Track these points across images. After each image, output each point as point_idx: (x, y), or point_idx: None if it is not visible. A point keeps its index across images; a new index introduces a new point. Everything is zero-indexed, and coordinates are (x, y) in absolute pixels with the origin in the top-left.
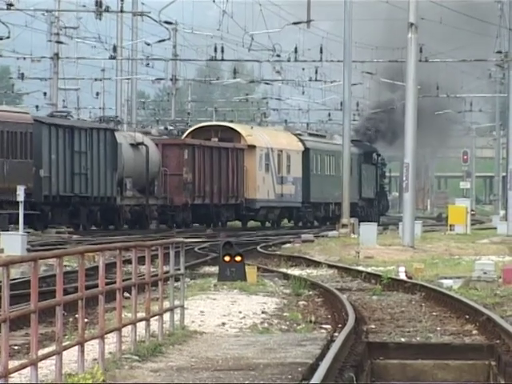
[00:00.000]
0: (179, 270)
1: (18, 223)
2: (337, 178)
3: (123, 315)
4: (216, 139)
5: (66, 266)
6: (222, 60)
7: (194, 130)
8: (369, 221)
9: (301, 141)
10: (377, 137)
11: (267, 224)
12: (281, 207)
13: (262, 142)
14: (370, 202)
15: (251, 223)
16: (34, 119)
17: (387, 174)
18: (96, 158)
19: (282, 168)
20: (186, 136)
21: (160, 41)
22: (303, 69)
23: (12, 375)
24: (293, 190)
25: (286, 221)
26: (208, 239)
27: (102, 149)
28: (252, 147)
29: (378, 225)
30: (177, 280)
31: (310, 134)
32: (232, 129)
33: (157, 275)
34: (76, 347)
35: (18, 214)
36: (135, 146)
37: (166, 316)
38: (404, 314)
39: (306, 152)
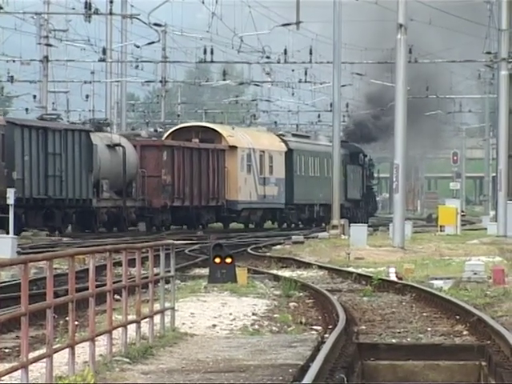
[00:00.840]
0: (169, 272)
1: None
2: (321, 178)
3: (114, 317)
4: (197, 140)
5: (56, 268)
6: (212, 62)
7: (174, 130)
8: (355, 222)
9: (284, 141)
10: (365, 137)
11: (250, 226)
12: (263, 209)
13: (244, 142)
14: (356, 203)
15: (235, 225)
16: (7, 121)
17: (376, 175)
18: (71, 160)
19: (265, 169)
20: (167, 137)
21: (149, 43)
22: (293, 70)
23: (2, 378)
24: (276, 191)
25: (269, 222)
26: (198, 241)
27: (77, 150)
28: (233, 148)
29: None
30: (167, 282)
31: (294, 135)
32: (213, 129)
33: (147, 277)
34: (66, 350)
35: None
36: (112, 147)
37: (157, 318)
38: (394, 315)
39: (289, 153)
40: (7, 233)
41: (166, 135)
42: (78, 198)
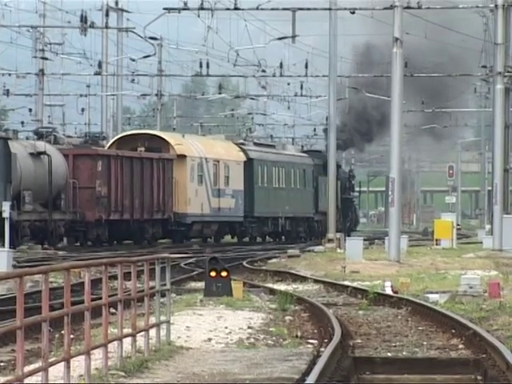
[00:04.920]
0: (165, 285)
1: None
2: (288, 190)
3: (109, 331)
4: (143, 149)
5: (51, 282)
6: (208, 75)
7: (118, 138)
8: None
9: (243, 150)
10: (347, 146)
11: (209, 240)
12: (219, 222)
13: (195, 151)
14: None
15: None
16: None
17: (357, 189)
18: None
19: (219, 180)
20: (110, 145)
21: (145, 56)
22: (288, 84)
23: None
24: (232, 203)
25: (229, 237)
26: (194, 254)
27: None
28: (182, 157)
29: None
30: (163, 295)
31: (256, 144)
32: (160, 137)
33: (143, 291)
34: (62, 363)
35: None
36: (36, 155)
37: (152, 332)
38: (390, 329)
39: (248, 162)
40: (3, 246)
41: (109, 144)
42: None
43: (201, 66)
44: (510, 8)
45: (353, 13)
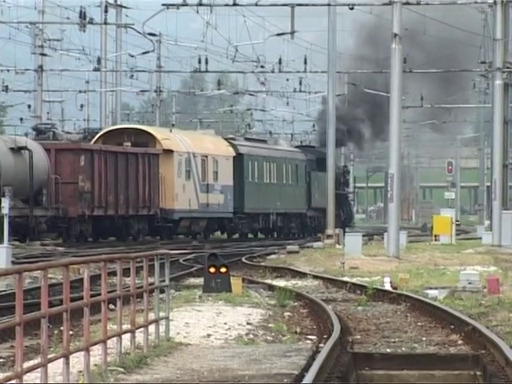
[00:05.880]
0: (164, 281)
1: None
2: (279, 186)
3: (108, 327)
4: (129, 143)
5: (50, 278)
6: (206, 71)
7: (104, 133)
8: (320, 232)
9: (232, 145)
10: (343, 141)
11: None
12: (207, 218)
13: (182, 146)
14: (322, 211)
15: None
16: None
17: (352, 184)
18: None
19: (208, 175)
20: (96, 140)
21: (144, 52)
22: (287, 80)
23: None
24: (221, 199)
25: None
26: (193, 250)
27: None
28: (169, 152)
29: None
30: (162, 292)
31: (247, 139)
32: (146, 132)
33: (142, 287)
34: (61, 359)
35: None
36: (16, 150)
37: (152, 328)
38: (389, 325)
39: (238, 158)
40: (2, 242)
41: (95, 138)
42: None
43: (200, 62)
44: (508, 4)
45: (352, 8)
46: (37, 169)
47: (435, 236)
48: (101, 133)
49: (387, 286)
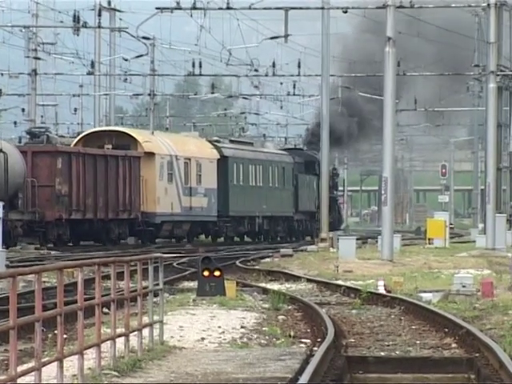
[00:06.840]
0: (158, 285)
1: None
2: (265, 189)
3: (102, 331)
4: (110, 146)
5: (44, 282)
6: (200, 75)
7: (85, 135)
8: (308, 235)
9: (216, 148)
10: (335, 145)
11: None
12: (190, 221)
13: (164, 149)
14: (310, 215)
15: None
16: None
17: (341, 188)
18: None
19: (191, 178)
20: (76, 143)
21: (138, 56)
22: (281, 83)
23: None
24: (205, 202)
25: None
26: (187, 254)
27: None
28: (150, 154)
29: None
30: (156, 295)
31: (232, 141)
32: (128, 134)
33: (136, 291)
34: (55, 363)
35: None
36: None
37: (145, 331)
38: (383, 328)
39: (222, 160)
40: None
41: (75, 141)
42: None
43: (193, 65)
44: (502, 7)
45: (345, 12)
46: (12, 172)
47: (429, 239)
48: (81, 135)
49: (381, 290)
